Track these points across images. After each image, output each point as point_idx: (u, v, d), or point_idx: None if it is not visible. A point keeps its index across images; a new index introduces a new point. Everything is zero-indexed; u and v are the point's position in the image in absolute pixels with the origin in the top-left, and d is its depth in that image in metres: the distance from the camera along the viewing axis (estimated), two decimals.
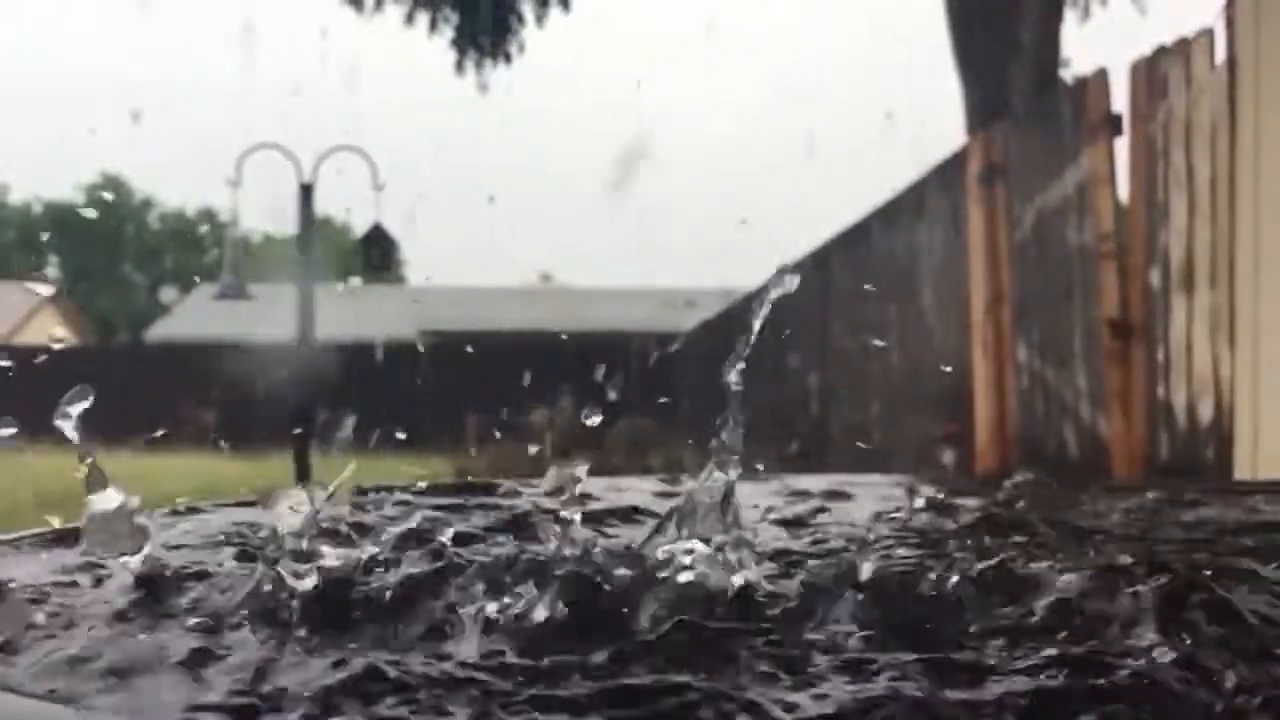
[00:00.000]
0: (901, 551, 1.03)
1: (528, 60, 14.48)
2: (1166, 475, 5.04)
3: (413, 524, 0.99)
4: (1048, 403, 6.37)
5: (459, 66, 14.30)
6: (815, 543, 1.09)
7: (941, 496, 1.36)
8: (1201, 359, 4.91)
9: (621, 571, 0.85)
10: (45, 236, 56.42)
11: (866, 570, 0.85)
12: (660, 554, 0.88)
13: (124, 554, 0.94)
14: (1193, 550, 1.06)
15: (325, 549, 0.89)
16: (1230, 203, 4.70)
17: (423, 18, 14.09)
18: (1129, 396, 5.47)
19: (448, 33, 14.18)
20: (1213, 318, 4.82)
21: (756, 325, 0.99)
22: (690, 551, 0.87)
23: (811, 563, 0.95)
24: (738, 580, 0.85)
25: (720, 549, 0.88)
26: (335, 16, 14.38)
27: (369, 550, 0.92)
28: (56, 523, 1.20)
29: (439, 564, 0.89)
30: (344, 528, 0.97)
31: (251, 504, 1.24)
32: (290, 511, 0.90)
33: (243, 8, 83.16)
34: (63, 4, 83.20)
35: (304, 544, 0.88)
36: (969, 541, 1.08)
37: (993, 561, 0.88)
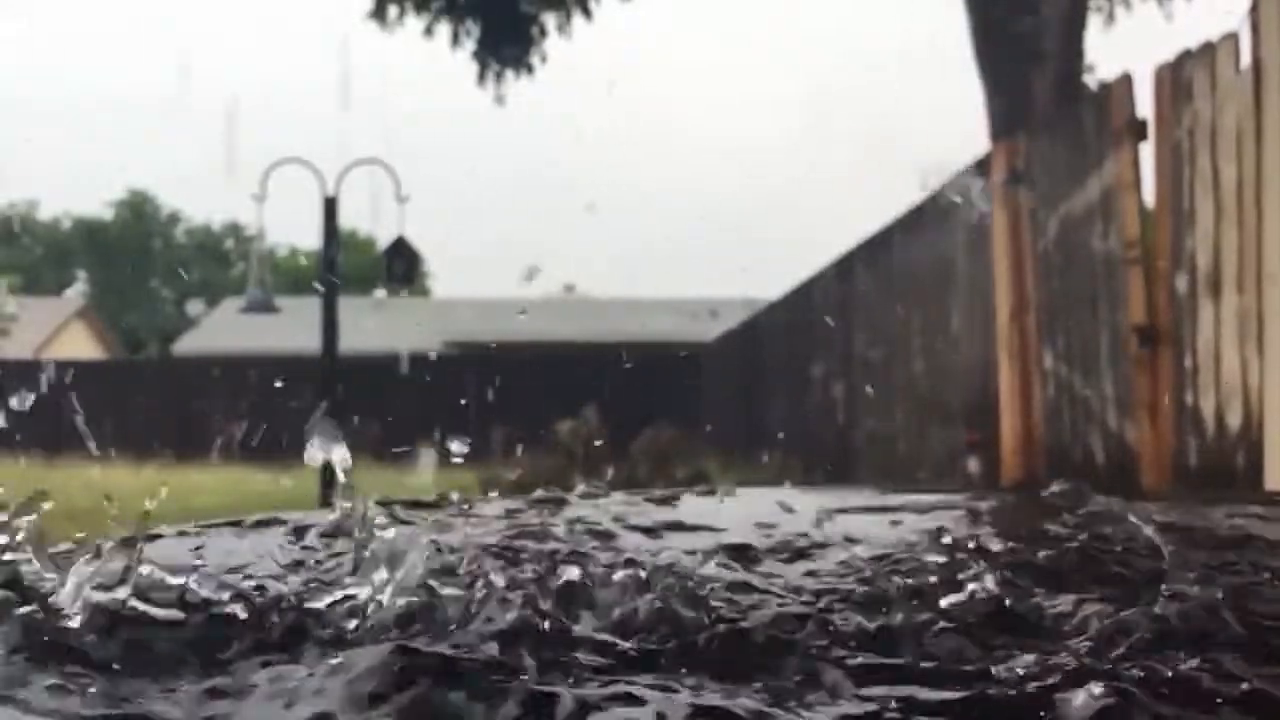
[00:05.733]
0: None
1: (553, 70, 14.53)
2: (1196, 483, 5.00)
3: None
4: (1074, 410, 6.33)
5: (481, 78, 14.35)
6: None
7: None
8: (1230, 365, 4.87)
9: None
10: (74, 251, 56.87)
11: None
12: None
13: None
14: None
15: None
16: (1257, 206, 4.66)
17: (444, 30, 14.15)
18: (1157, 404, 5.43)
19: (469, 45, 14.23)
20: (1241, 323, 4.78)
21: None
22: None
23: None
24: None
25: None
26: (358, 29, 14.45)
27: None
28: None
29: None
30: None
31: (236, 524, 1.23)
32: None
33: (269, 24, 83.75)
34: (89, 22, 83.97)
35: None
36: None
37: None
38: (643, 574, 0.87)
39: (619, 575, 0.87)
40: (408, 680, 0.67)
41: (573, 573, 0.88)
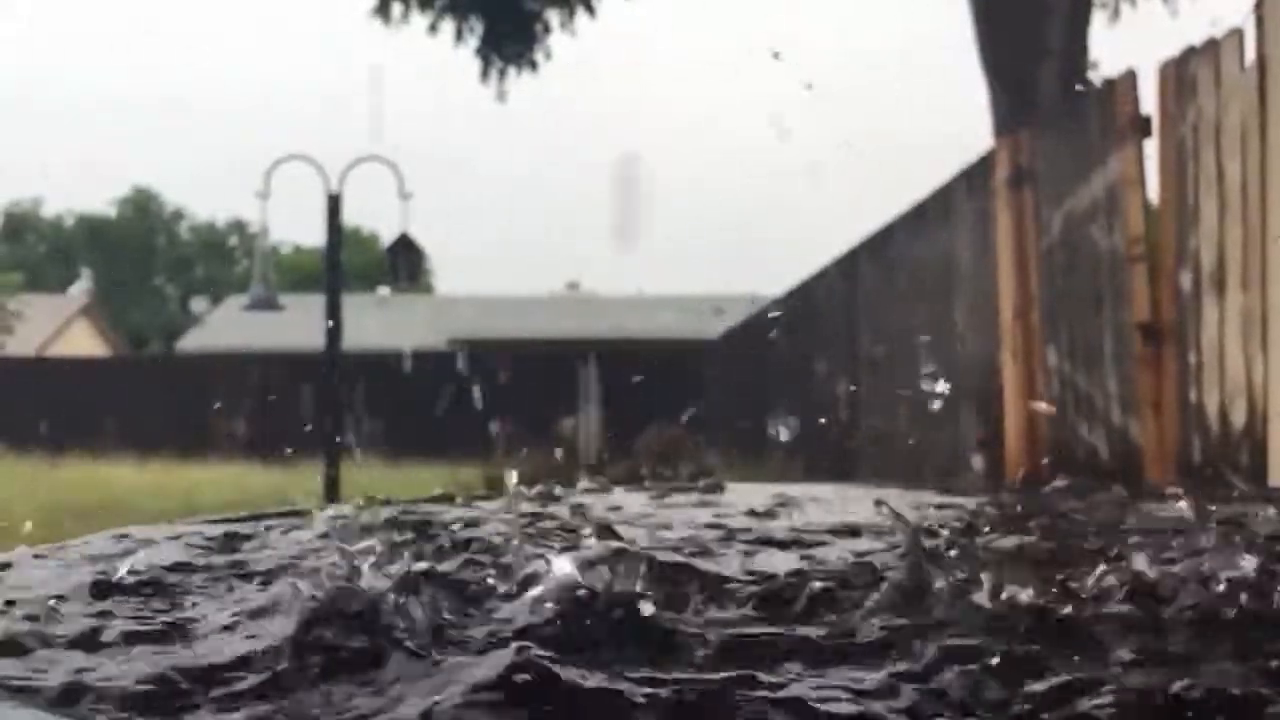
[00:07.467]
0: None
1: (558, 66, 14.52)
2: (1200, 480, 4.99)
3: None
4: (1078, 408, 6.33)
5: (484, 75, 14.34)
6: None
7: None
8: (1234, 362, 4.86)
9: None
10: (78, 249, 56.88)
11: None
12: None
13: None
14: None
15: None
16: (1261, 203, 4.66)
17: (447, 27, 14.14)
18: (1161, 401, 5.42)
19: (472, 42, 14.22)
20: (1245, 320, 4.77)
21: None
22: None
23: None
24: None
25: None
26: (362, 27, 14.45)
27: None
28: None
29: None
30: None
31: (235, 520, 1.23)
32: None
33: (273, 22, 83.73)
34: (89, 22, 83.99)
35: None
36: None
37: None
38: None
39: None
40: None
41: None
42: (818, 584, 0.92)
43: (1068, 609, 0.87)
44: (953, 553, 1.05)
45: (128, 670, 0.75)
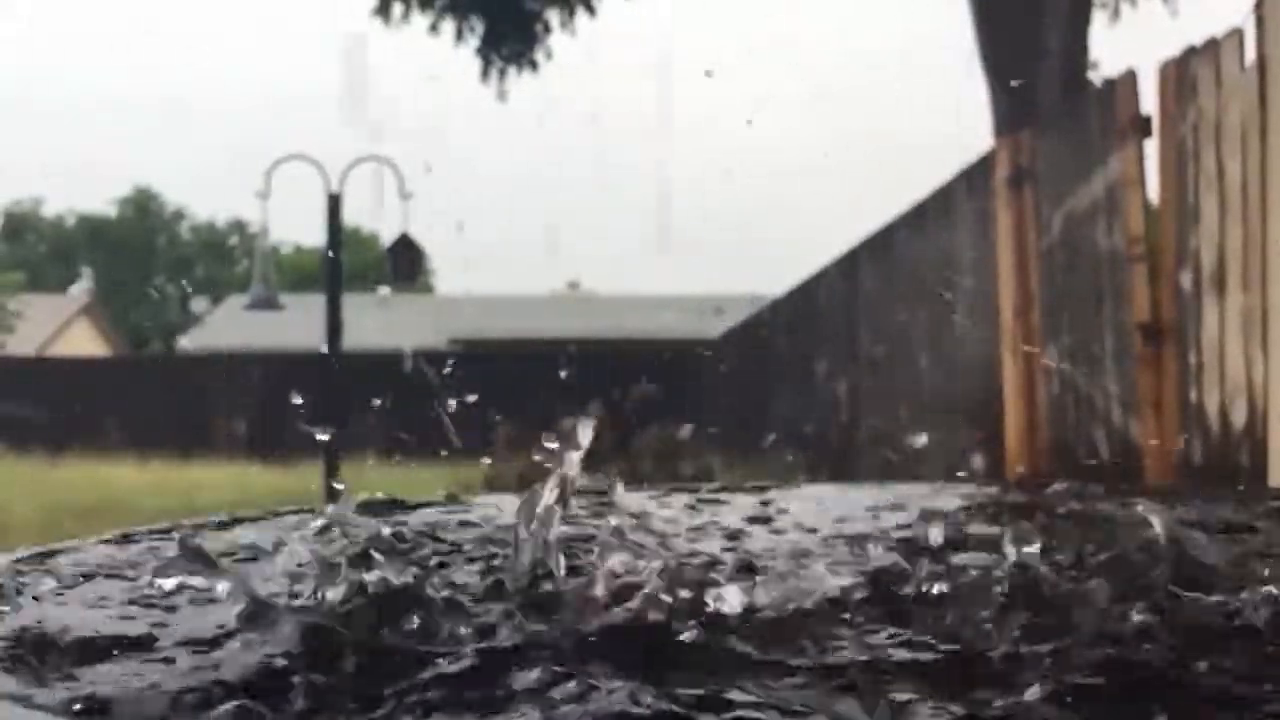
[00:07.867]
0: None
1: (558, 66, 14.52)
2: (1201, 480, 4.99)
3: None
4: (1078, 408, 6.33)
5: (484, 75, 14.35)
6: None
7: None
8: (1234, 362, 4.87)
9: None
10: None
11: None
12: None
13: None
14: None
15: None
16: (1261, 204, 4.66)
17: (448, 27, 14.14)
18: (1161, 401, 5.42)
19: (472, 42, 14.23)
20: (1245, 320, 4.77)
21: None
22: None
23: None
24: None
25: None
26: (362, 27, 14.48)
27: None
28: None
29: None
30: None
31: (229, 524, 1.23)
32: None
33: (273, 22, 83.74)
34: (89, 22, 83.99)
35: None
36: None
37: None
38: None
39: None
40: None
41: None
42: (818, 590, 0.92)
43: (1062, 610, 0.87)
44: (944, 553, 1.05)
45: (131, 681, 0.75)
